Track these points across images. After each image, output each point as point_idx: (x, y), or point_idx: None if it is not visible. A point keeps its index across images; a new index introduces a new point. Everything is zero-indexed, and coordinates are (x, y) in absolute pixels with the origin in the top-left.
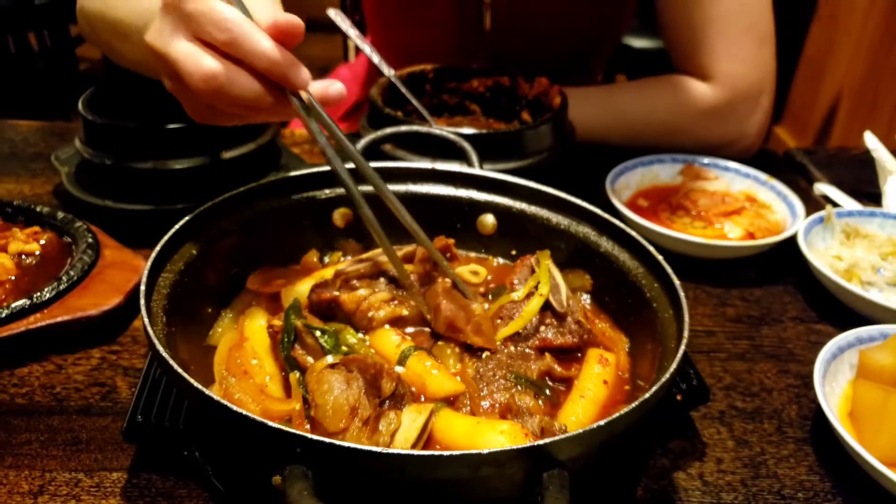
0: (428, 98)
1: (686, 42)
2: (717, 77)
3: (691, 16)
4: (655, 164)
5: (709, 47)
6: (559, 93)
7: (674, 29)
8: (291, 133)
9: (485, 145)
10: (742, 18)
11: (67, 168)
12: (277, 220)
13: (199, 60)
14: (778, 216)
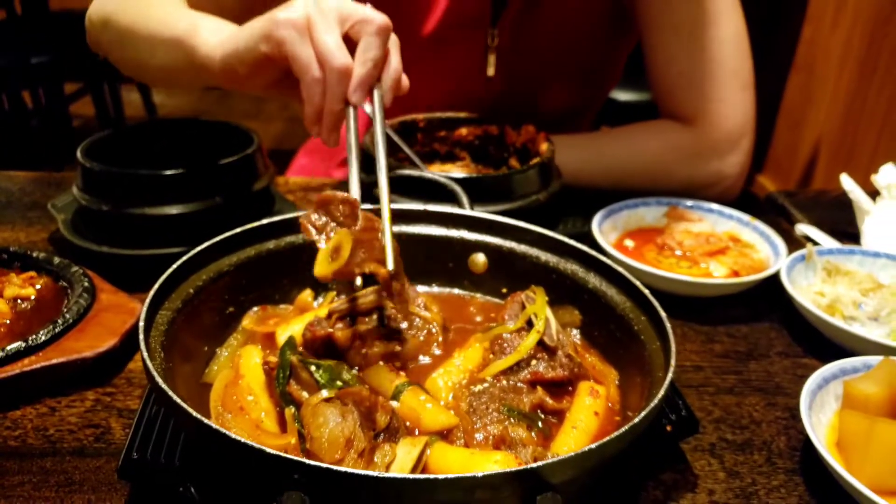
0: (420, 146)
1: (672, 84)
2: (701, 118)
3: (677, 61)
4: (641, 206)
5: (693, 90)
6: (546, 139)
7: (660, 72)
8: (286, 181)
9: (475, 189)
10: (725, 65)
11: (64, 215)
12: (273, 261)
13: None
14: (761, 255)
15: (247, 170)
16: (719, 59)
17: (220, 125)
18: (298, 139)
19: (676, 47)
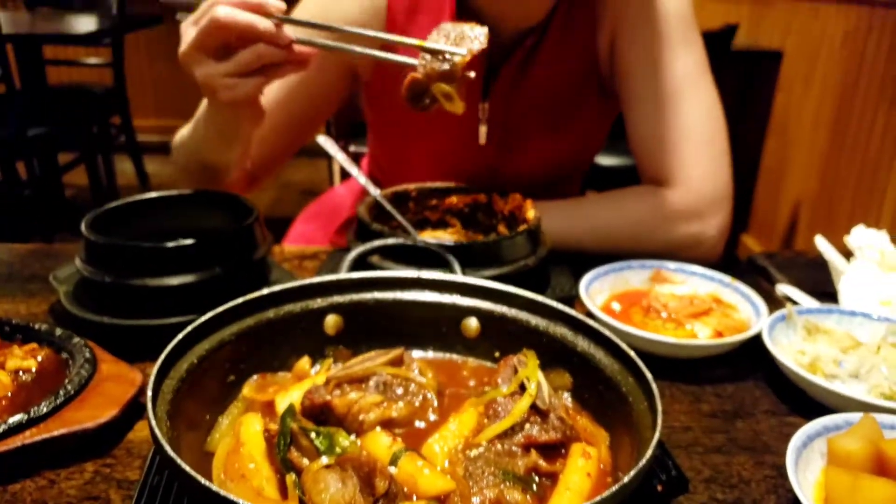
0: (411, 214)
1: (651, 152)
2: (681, 182)
3: (655, 130)
4: (626, 269)
5: (671, 157)
6: (532, 206)
7: (640, 140)
8: (282, 250)
9: (466, 255)
10: (700, 133)
11: (65, 287)
12: (272, 330)
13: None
14: (743, 315)
15: (246, 240)
16: (695, 128)
17: (219, 196)
18: (291, 206)
19: (654, 118)
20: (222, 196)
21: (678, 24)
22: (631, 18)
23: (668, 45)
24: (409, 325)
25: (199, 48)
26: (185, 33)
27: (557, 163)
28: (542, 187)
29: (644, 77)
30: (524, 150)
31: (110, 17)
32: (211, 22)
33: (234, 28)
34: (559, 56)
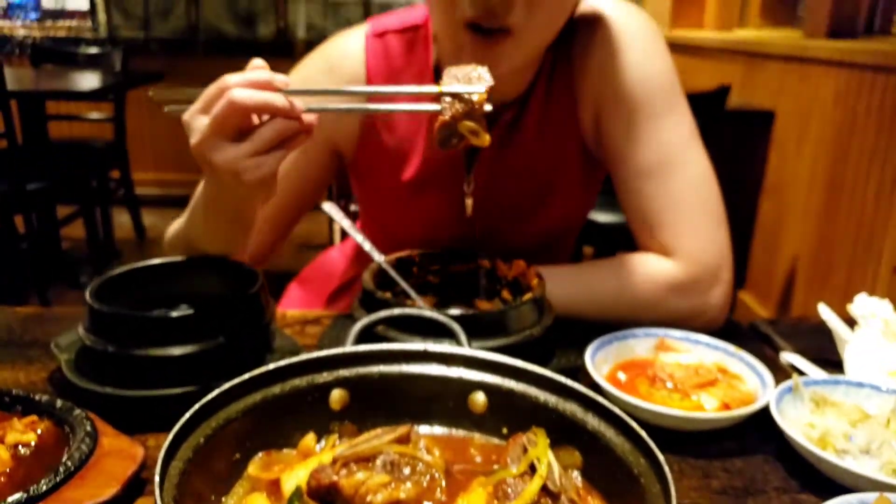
0: (415, 279)
1: (647, 224)
2: (679, 254)
3: (648, 202)
4: (630, 338)
5: (668, 228)
6: (536, 274)
7: (633, 212)
8: (283, 315)
9: (472, 325)
10: (696, 202)
11: (67, 355)
12: (278, 406)
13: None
14: (749, 386)
15: (251, 309)
16: (688, 198)
17: (223, 261)
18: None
19: (646, 191)
20: (225, 261)
21: (662, 94)
22: (614, 93)
23: (653, 118)
24: (415, 399)
25: (216, 135)
26: (194, 123)
27: (546, 230)
28: (533, 253)
29: (632, 151)
30: (512, 219)
31: (113, 73)
32: (228, 106)
33: (253, 108)
34: (541, 129)
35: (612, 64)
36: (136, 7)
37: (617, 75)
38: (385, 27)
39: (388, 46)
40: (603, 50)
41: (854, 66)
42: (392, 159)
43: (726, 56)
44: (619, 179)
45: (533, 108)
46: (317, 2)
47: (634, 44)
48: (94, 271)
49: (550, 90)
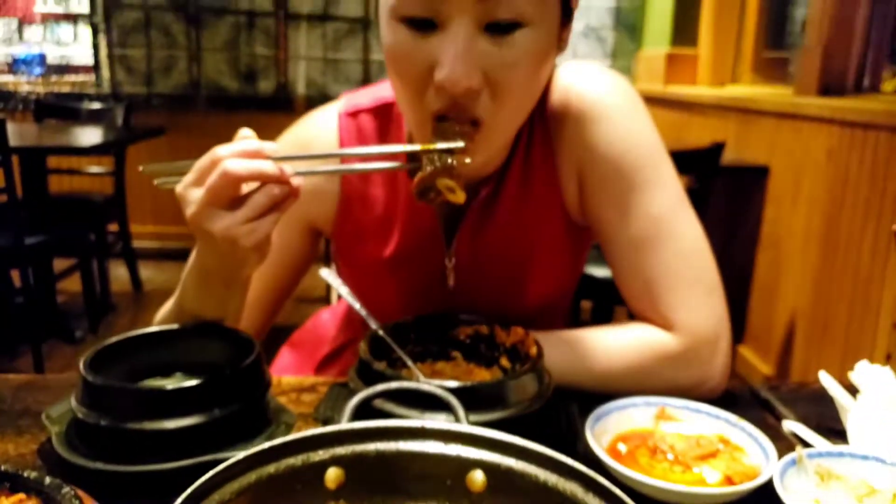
0: (412, 346)
1: (639, 296)
2: (676, 327)
3: (640, 274)
4: (630, 408)
5: (664, 300)
6: (535, 342)
7: (626, 285)
8: (279, 381)
9: (470, 397)
10: (690, 272)
11: (58, 427)
12: (272, 486)
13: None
14: (752, 459)
15: (247, 380)
16: (681, 269)
17: (219, 328)
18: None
19: (638, 262)
20: (221, 329)
21: (648, 164)
22: (598, 166)
23: (640, 189)
24: (412, 478)
25: (211, 205)
26: (188, 196)
27: (532, 301)
28: (523, 323)
29: (622, 224)
30: (495, 291)
31: (115, 128)
32: (222, 176)
33: (247, 178)
34: (520, 201)
35: (593, 137)
36: (139, 63)
37: (599, 148)
38: (357, 106)
39: (361, 126)
40: (582, 123)
41: (845, 123)
42: (371, 236)
43: (719, 112)
44: (609, 252)
45: (511, 181)
46: (317, 59)
47: (615, 114)
48: (90, 326)
49: (528, 162)
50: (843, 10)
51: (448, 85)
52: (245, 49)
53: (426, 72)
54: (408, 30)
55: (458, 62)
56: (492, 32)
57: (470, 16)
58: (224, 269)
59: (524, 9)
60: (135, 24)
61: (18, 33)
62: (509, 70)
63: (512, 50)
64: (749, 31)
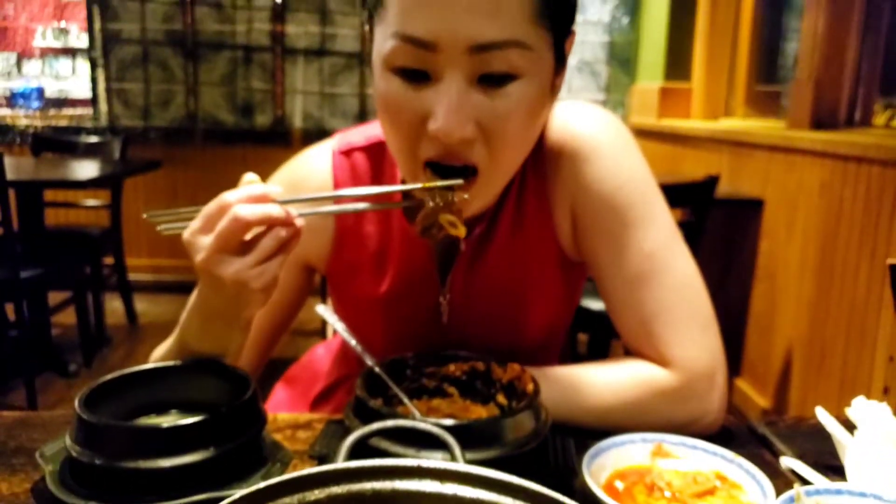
0: (408, 382)
1: (635, 333)
2: (672, 363)
3: (635, 311)
4: (627, 444)
5: (660, 336)
6: (531, 379)
7: (621, 321)
8: (274, 418)
9: (466, 435)
10: (685, 308)
11: (52, 466)
12: None
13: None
14: (750, 496)
15: (242, 418)
16: (675, 304)
17: (214, 365)
18: (280, 347)
19: (632, 298)
20: (217, 365)
21: (641, 201)
22: (590, 203)
23: (634, 226)
24: None
25: (222, 251)
26: (197, 242)
27: (529, 336)
28: (518, 358)
29: (616, 261)
30: (490, 327)
31: (112, 162)
32: (233, 222)
33: (256, 223)
34: (514, 238)
35: (585, 175)
36: (136, 97)
37: (592, 186)
38: (351, 144)
39: (355, 164)
40: (575, 161)
41: (837, 156)
42: (366, 272)
43: (713, 145)
44: (604, 288)
45: (505, 218)
46: (314, 93)
47: (607, 152)
48: (84, 359)
49: (522, 200)
50: (833, 44)
51: (442, 135)
52: (242, 83)
53: (419, 121)
54: (401, 81)
55: (451, 114)
56: (485, 84)
57: (463, 68)
58: (229, 310)
59: (517, 62)
60: (133, 58)
61: (17, 67)
62: (503, 121)
63: (505, 101)
64: (741, 65)
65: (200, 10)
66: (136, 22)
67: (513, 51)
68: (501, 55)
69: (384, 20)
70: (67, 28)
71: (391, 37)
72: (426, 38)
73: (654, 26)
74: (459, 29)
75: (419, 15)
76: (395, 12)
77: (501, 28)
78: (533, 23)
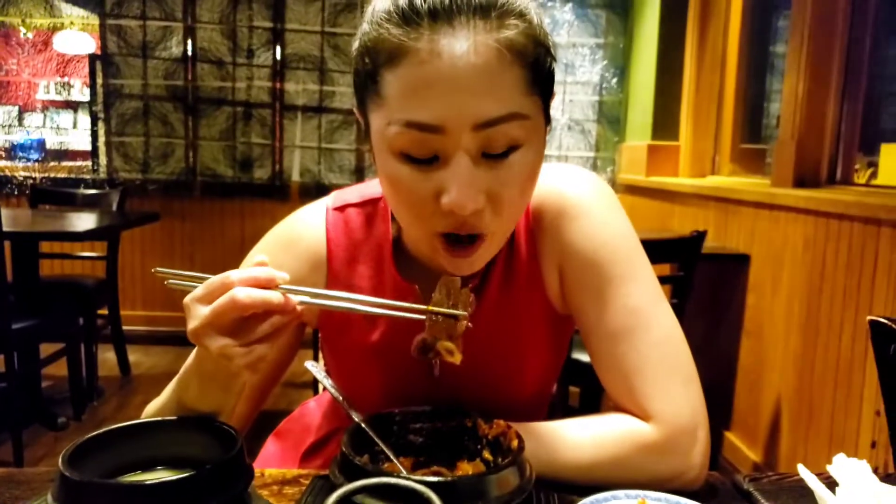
0: (395, 438)
1: (621, 386)
2: (654, 417)
3: (619, 366)
4: (611, 500)
5: (643, 391)
6: (516, 435)
7: (607, 374)
8: (262, 473)
9: (451, 492)
10: (668, 364)
11: None
12: None
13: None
14: None
15: (229, 475)
16: (660, 360)
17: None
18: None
19: (616, 353)
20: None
21: (625, 258)
22: (575, 259)
23: (618, 282)
24: None
25: (213, 325)
26: (193, 310)
27: (519, 389)
28: (504, 414)
29: (600, 316)
30: (481, 380)
31: (110, 214)
32: (229, 303)
33: (253, 308)
34: (505, 294)
35: (571, 234)
36: (136, 150)
37: (577, 244)
38: (345, 201)
39: (349, 220)
40: (562, 221)
41: (820, 213)
42: (357, 324)
43: (700, 201)
44: (588, 342)
45: (496, 275)
46: (312, 148)
47: (592, 212)
48: (74, 412)
49: (512, 257)
50: (813, 106)
51: (457, 209)
52: (241, 138)
53: (431, 198)
54: (409, 165)
55: (463, 189)
56: (489, 158)
57: (469, 145)
58: (220, 375)
59: (517, 133)
60: (134, 112)
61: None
62: (509, 189)
63: (509, 171)
64: (727, 125)
65: (202, 66)
66: (138, 78)
67: (513, 123)
68: (503, 129)
69: (382, 107)
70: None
71: (395, 123)
72: (433, 122)
73: (641, 87)
74: (463, 110)
75: (423, 102)
76: (397, 100)
77: (501, 104)
78: (527, 94)
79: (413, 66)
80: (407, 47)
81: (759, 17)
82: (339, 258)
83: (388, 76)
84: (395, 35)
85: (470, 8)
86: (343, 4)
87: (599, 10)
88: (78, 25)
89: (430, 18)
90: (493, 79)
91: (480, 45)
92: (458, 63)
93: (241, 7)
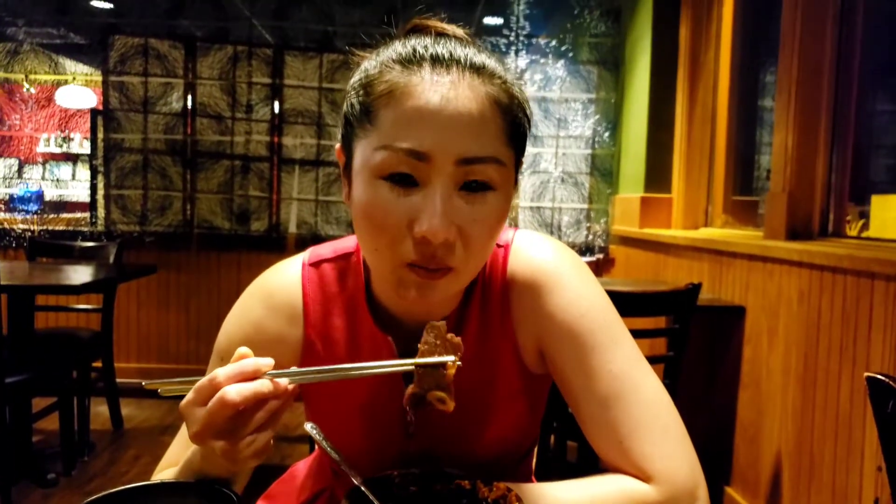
0: (394, 501)
1: (612, 450)
2: (653, 477)
3: (613, 428)
4: None
5: (636, 453)
6: (516, 498)
7: (599, 439)
8: None
9: None
10: (657, 423)
11: None
12: None
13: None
14: None
15: None
16: (650, 420)
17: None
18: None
19: (607, 418)
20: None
21: (604, 326)
22: (555, 332)
23: (599, 350)
24: None
25: (212, 426)
26: (190, 415)
27: (494, 445)
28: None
29: (585, 384)
30: (455, 436)
31: (106, 266)
32: (219, 403)
33: (243, 403)
34: (477, 352)
35: (548, 307)
36: (134, 203)
37: (556, 317)
38: (320, 256)
39: (323, 275)
40: (537, 293)
41: (813, 266)
42: (337, 386)
43: (694, 253)
44: (577, 410)
45: (469, 334)
46: (308, 201)
47: (567, 283)
48: (64, 467)
49: (485, 317)
50: (803, 158)
51: (429, 236)
52: (239, 191)
53: (404, 225)
54: (390, 186)
55: (438, 217)
56: (465, 191)
57: (449, 176)
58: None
59: (493, 175)
60: (133, 165)
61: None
62: (479, 225)
63: (482, 208)
64: (719, 177)
65: (201, 121)
66: (139, 132)
67: (492, 165)
68: (482, 168)
69: (371, 134)
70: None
71: (383, 149)
72: (421, 150)
73: (634, 140)
74: (451, 144)
75: (416, 132)
76: (390, 128)
77: (484, 146)
78: (505, 144)
79: (410, 99)
80: (407, 83)
81: (747, 73)
82: (315, 312)
83: (384, 108)
84: (398, 72)
85: (466, 62)
86: (340, 62)
87: (591, 66)
88: (81, 81)
89: (431, 63)
90: (479, 123)
91: (471, 92)
92: (450, 103)
93: (240, 64)
